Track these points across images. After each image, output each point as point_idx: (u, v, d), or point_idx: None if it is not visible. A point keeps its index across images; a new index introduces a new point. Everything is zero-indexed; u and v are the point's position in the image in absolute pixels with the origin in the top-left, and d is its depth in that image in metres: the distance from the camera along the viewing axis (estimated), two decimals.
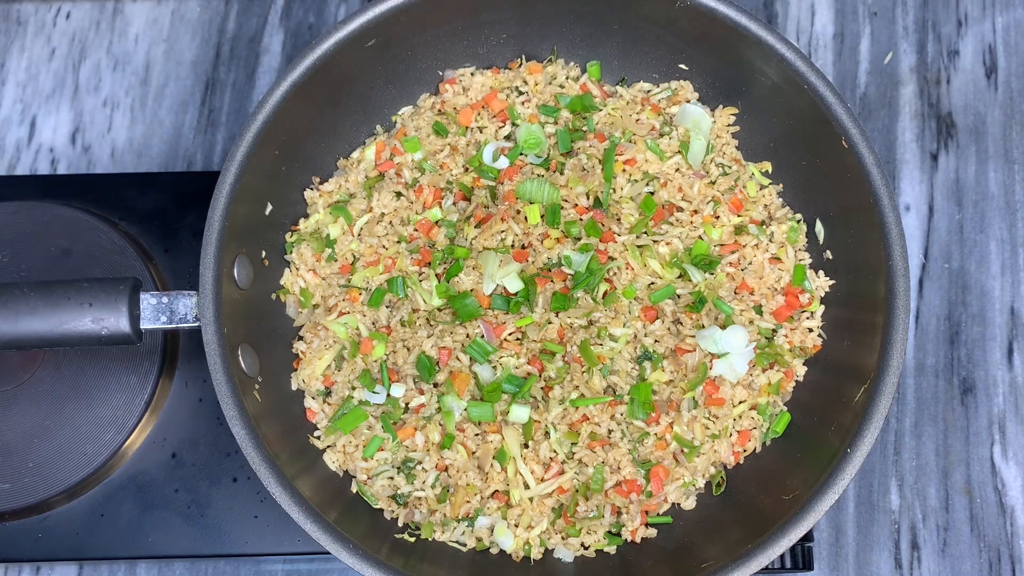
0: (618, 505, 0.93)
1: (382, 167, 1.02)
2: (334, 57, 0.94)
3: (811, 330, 0.97)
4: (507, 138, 1.03)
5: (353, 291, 0.97)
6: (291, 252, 1.00)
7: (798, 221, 1.00)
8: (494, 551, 0.93)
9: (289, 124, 0.94)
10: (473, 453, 0.93)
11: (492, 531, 0.93)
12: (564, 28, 1.03)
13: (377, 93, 1.03)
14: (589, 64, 1.05)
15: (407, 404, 0.94)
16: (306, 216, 1.02)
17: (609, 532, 0.93)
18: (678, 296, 0.96)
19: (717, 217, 0.99)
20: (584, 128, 1.02)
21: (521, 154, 1.00)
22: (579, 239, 0.97)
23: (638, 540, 0.93)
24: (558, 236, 0.97)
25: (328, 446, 0.95)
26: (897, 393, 1.09)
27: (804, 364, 0.97)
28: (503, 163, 1.00)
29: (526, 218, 0.97)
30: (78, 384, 1.02)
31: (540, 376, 0.93)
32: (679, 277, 0.97)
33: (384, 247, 0.99)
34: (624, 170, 1.00)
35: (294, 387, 0.97)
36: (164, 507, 1.01)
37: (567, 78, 1.05)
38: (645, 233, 0.98)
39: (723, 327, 0.94)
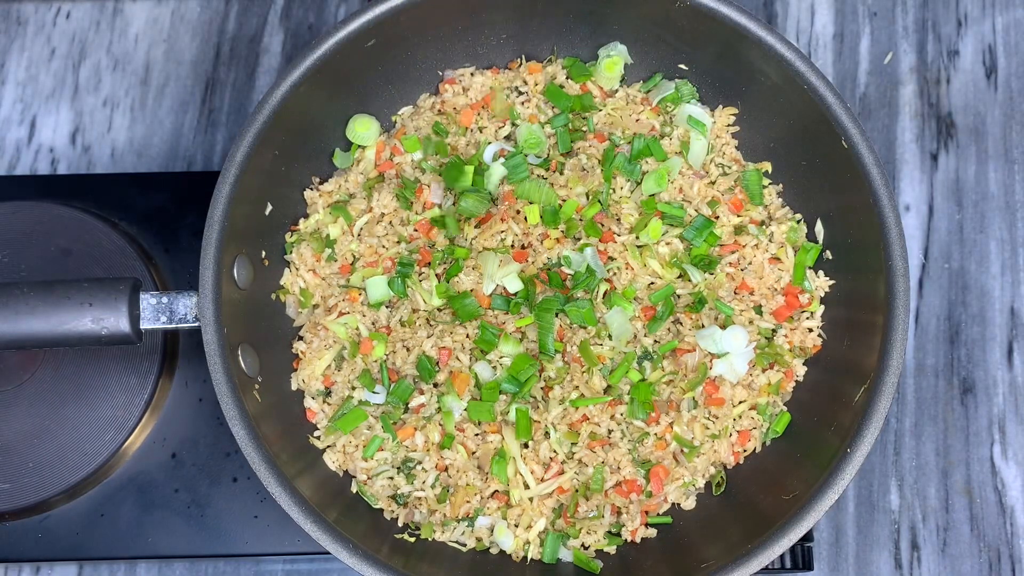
0: (618, 505, 0.93)
1: (382, 167, 1.02)
2: (334, 57, 0.94)
3: (811, 330, 0.97)
4: (507, 138, 1.03)
5: (353, 291, 0.97)
6: (291, 252, 1.00)
7: (798, 221, 1.00)
8: (494, 551, 0.93)
9: (289, 124, 0.94)
10: (473, 453, 0.93)
11: (492, 531, 0.93)
12: (564, 28, 1.03)
13: (377, 93, 1.03)
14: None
15: (407, 404, 0.94)
16: (306, 216, 1.02)
17: (609, 532, 0.93)
18: (678, 296, 0.96)
19: (717, 217, 0.99)
20: (584, 128, 1.02)
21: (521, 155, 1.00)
22: (579, 239, 0.97)
23: (638, 540, 0.93)
24: (558, 236, 0.97)
25: (328, 446, 0.95)
26: (897, 393, 1.09)
27: (804, 364, 0.97)
28: (500, 171, 1.00)
29: (526, 218, 0.97)
30: (78, 384, 1.02)
31: (540, 376, 0.93)
32: (679, 277, 0.97)
33: (384, 247, 0.99)
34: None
35: (294, 387, 0.97)
36: (164, 507, 1.01)
37: (567, 78, 1.05)
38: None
39: (723, 327, 0.94)
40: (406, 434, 0.93)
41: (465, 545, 0.93)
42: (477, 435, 0.93)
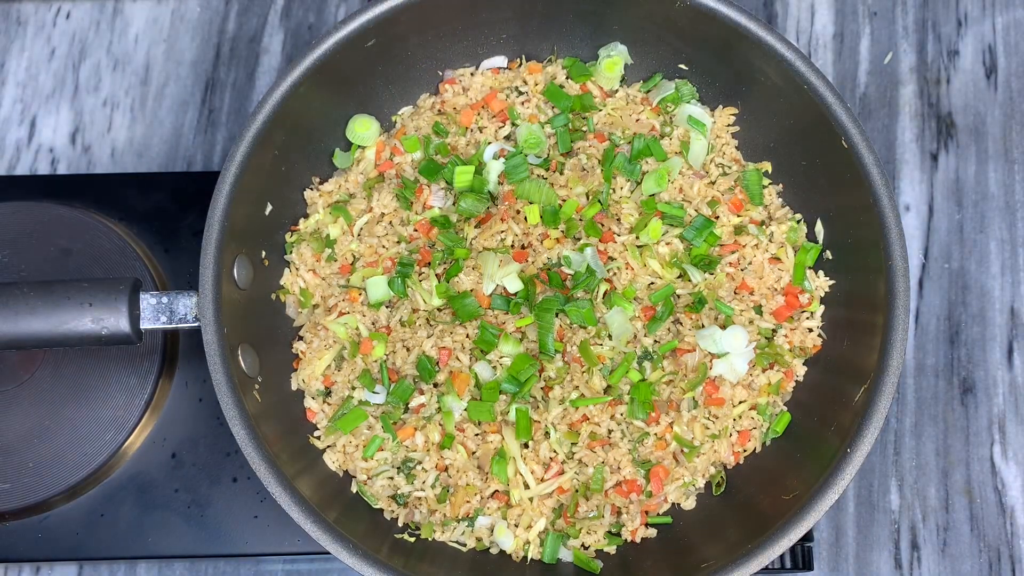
0: (618, 505, 0.93)
1: (382, 167, 1.02)
2: (334, 57, 0.94)
3: (811, 330, 0.97)
4: (507, 138, 1.03)
5: (353, 291, 0.97)
6: (291, 252, 1.00)
7: (798, 221, 1.00)
8: (494, 551, 0.93)
9: (289, 124, 0.94)
10: (473, 453, 0.93)
11: (492, 531, 0.93)
12: (564, 28, 1.03)
13: (377, 93, 1.03)
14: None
15: (407, 404, 0.94)
16: (306, 216, 1.02)
17: (609, 532, 0.93)
18: (678, 296, 0.96)
19: (717, 217, 0.99)
20: (584, 128, 1.02)
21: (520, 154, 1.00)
22: (579, 239, 0.97)
23: (638, 540, 0.93)
24: (558, 236, 0.97)
25: (328, 446, 0.95)
26: (897, 393, 1.09)
27: (804, 364, 0.97)
28: (498, 167, 1.00)
29: (526, 218, 0.97)
30: (78, 384, 1.02)
31: (540, 376, 0.93)
32: (679, 277, 0.97)
33: (384, 247, 0.99)
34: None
35: (294, 387, 0.97)
36: (164, 507, 1.01)
37: (567, 78, 1.05)
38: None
39: (723, 327, 0.94)
40: (406, 434, 0.93)
41: (465, 545, 0.93)
42: (477, 435, 0.93)
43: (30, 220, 1.07)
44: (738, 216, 0.99)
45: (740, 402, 0.95)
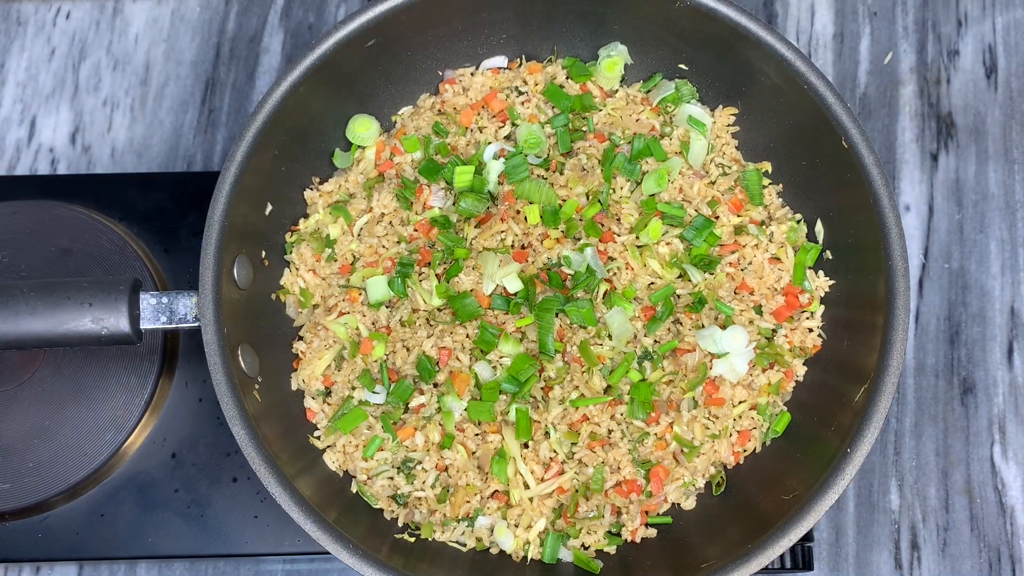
0: (618, 505, 0.93)
1: (382, 167, 1.02)
2: (334, 57, 0.94)
3: (811, 330, 0.97)
4: (507, 138, 1.03)
5: (353, 291, 0.97)
6: (291, 252, 1.00)
7: (798, 221, 1.00)
8: (494, 551, 0.93)
9: (289, 124, 0.94)
10: (473, 453, 0.93)
11: (492, 531, 0.93)
12: (564, 28, 1.03)
13: (377, 93, 1.03)
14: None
15: (407, 404, 0.94)
16: (306, 216, 1.02)
17: (609, 532, 0.93)
18: (678, 296, 0.96)
19: (717, 217, 0.99)
20: (584, 128, 1.02)
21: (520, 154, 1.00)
22: (579, 239, 0.97)
23: (638, 540, 0.93)
24: (558, 236, 0.97)
25: (328, 446, 0.95)
26: (897, 393, 1.09)
27: (804, 364, 0.97)
28: (498, 167, 1.00)
29: (526, 218, 0.97)
30: (78, 384, 1.02)
31: (540, 376, 0.93)
32: (679, 277, 0.97)
33: (384, 247, 0.99)
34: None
35: (294, 387, 0.97)
36: (164, 507, 1.01)
37: (567, 78, 1.05)
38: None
39: (723, 327, 0.94)
40: (406, 434, 0.93)
41: (465, 545, 0.93)
42: (477, 435, 0.93)
43: (30, 220, 1.07)
44: (738, 216, 0.99)
45: (740, 402, 0.95)
